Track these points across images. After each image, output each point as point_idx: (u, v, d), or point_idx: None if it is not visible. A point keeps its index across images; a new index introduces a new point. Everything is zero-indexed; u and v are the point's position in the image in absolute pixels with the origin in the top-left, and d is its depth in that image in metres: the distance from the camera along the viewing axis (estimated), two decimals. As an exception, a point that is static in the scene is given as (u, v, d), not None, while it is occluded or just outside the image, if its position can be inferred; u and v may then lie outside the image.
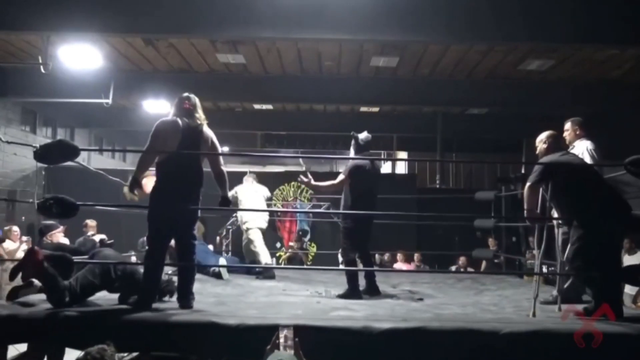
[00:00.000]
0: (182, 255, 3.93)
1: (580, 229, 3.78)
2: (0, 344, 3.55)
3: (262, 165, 18.37)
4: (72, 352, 3.59)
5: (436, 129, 13.61)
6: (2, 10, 6.66)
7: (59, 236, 5.15)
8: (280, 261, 10.83)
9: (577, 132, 4.63)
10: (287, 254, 10.14)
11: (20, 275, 3.74)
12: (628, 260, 6.34)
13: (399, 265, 9.16)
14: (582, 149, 4.46)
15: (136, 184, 3.82)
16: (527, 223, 5.03)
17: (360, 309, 3.98)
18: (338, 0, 6.69)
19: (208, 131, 3.97)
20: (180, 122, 3.85)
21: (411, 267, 8.87)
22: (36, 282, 3.85)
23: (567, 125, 4.68)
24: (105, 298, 3.93)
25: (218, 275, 5.77)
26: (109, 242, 5.02)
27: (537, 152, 4.24)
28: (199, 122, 3.93)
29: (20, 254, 6.36)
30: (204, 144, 3.91)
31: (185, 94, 4.04)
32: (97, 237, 5.07)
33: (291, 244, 10.84)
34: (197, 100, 4.03)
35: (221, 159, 4.02)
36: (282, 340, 2.27)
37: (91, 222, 7.06)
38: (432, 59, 9.55)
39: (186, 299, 3.79)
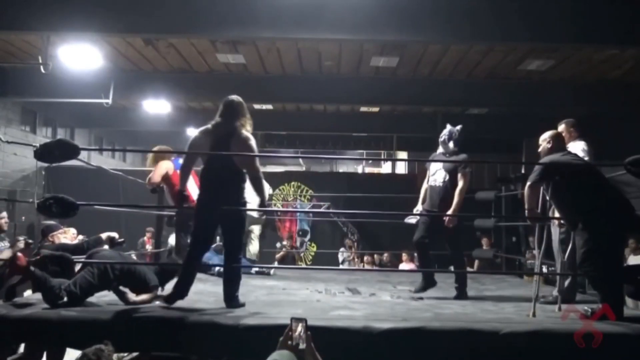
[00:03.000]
0: (226, 258, 3.95)
1: (585, 232, 3.77)
2: (0, 343, 3.55)
3: (262, 165, 18.34)
4: (72, 352, 3.60)
5: (436, 129, 13.59)
6: (2, 10, 6.66)
7: (60, 236, 5.13)
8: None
9: (572, 134, 4.67)
10: (280, 253, 9.97)
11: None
12: (633, 260, 6.33)
13: (404, 264, 9.15)
14: (577, 149, 4.48)
15: (182, 197, 3.94)
16: (528, 223, 5.03)
17: (360, 309, 3.98)
18: (338, 0, 6.69)
19: (242, 134, 3.85)
20: (210, 129, 3.88)
21: (413, 266, 8.87)
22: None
23: (561, 127, 4.71)
24: (104, 299, 3.93)
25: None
26: (119, 240, 4.97)
27: (540, 150, 4.24)
28: (232, 125, 3.85)
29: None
30: (234, 147, 3.80)
31: (228, 97, 3.99)
32: (104, 235, 5.00)
33: (284, 242, 10.71)
34: (235, 103, 3.94)
35: (256, 163, 3.92)
36: (295, 333, 2.27)
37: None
38: (432, 59, 9.55)
39: (234, 301, 3.84)
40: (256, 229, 6.93)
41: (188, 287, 3.87)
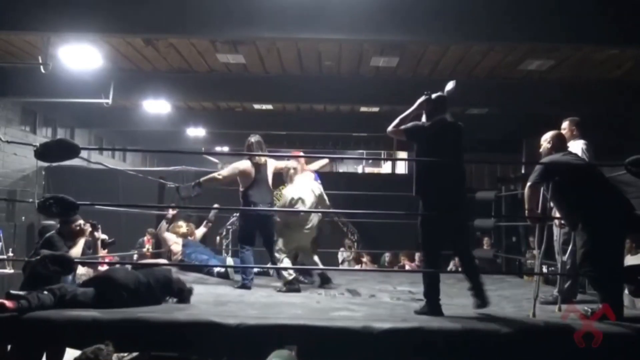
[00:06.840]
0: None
1: (585, 232, 3.77)
2: (0, 343, 3.55)
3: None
4: (72, 352, 3.59)
5: (436, 129, 13.57)
6: (2, 10, 6.65)
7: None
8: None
9: (573, 132, 4.67)
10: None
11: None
12: (631, 260, 6.32)
13: (405, 264, 9.14)
14: (577, 149, 4.48)
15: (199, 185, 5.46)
16: (528, 223, 5.03)
17: (360, 309, 3.98)
18: (338, 0, 6.69)
19: (270, 162, 5.66)
20: (251, 163, 5.47)
21: (414, 266, 8.85)
22: None
23: (565, 124, 4.72)
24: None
25: (224, 275, 5.71)
26: (109, 240, 4.97)
27: (541, 150, 4.24)
28: (262, 160, 5.51)
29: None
30: (269, 171, 5.60)
31: (249, 139, 5.56)
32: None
33: None
34: (255, 142, 5.50)
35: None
36: None
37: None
38: (432, 59, 9.55)
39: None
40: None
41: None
